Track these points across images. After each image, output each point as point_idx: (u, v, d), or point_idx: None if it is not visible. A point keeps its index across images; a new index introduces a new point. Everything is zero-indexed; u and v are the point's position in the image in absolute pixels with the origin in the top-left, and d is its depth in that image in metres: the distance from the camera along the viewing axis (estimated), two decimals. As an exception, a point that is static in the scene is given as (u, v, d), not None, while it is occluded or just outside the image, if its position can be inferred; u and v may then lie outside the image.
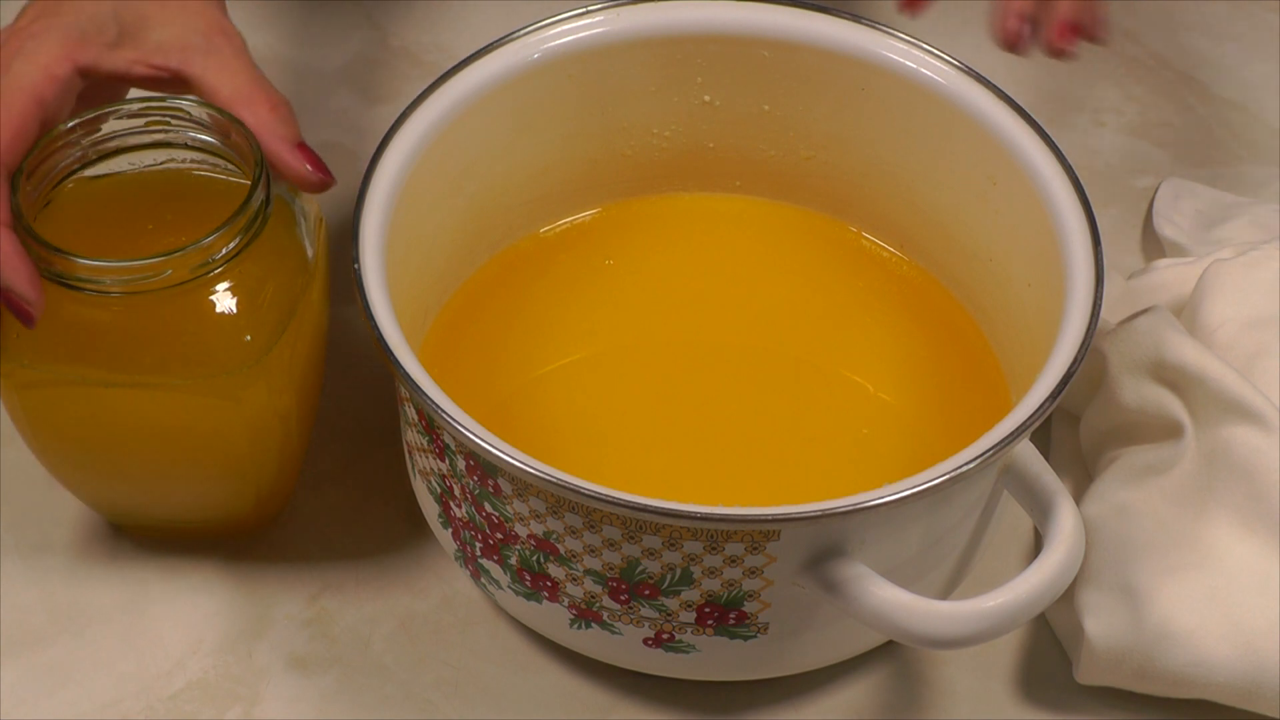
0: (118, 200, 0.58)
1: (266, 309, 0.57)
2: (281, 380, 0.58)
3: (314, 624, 0.63)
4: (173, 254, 0.54)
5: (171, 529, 0.64)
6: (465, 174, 0.64)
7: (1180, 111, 0.82)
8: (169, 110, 0.57)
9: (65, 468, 0.61)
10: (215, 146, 0.57)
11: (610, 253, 0.68)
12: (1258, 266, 0.65)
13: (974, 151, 0.63)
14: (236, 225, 0.55)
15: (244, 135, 0.57)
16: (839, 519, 0.51)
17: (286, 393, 0.59)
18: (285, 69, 0.82)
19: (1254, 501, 0.59)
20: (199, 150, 0.58)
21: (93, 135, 0.57)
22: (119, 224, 0.57)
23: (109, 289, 0.54)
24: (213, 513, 0.63)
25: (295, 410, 0.60)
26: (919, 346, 0.65)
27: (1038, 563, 0.53)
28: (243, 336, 0.56)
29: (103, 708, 0.60)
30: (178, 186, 0.58)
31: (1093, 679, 0.60)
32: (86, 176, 0.57)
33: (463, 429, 0.52)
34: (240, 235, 0.55)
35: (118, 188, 0.58)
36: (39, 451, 0.60)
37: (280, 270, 0.57)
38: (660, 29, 0.65)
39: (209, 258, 0.55)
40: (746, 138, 0.68)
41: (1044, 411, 0.53)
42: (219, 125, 0.57)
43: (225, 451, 0.59)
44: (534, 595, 0.57)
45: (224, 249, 0.55)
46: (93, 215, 0.57)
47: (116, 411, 0.57)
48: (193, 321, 0.56)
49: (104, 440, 0.58)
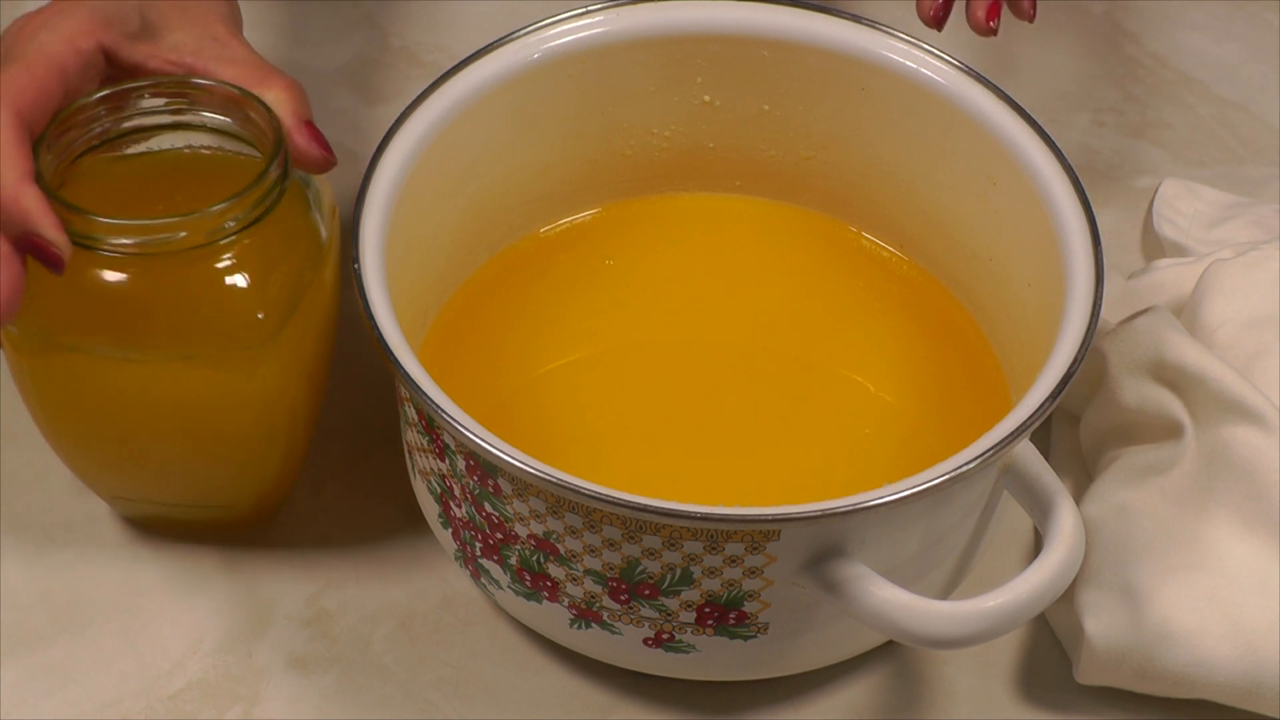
0: (133, 180, 0.58)
1: (279, 288, 0.57)
2: (292, 360, 0.58)
3: (314, 624, 0.63)
4: (188, 215, 0.54)
5: (170, 518, 0.64)
6: (465, 174, 0.64)
7: (1180, 111, 0.82)
8: (190, 88, 0.58)
9: (71, 443, 0.61)
10: (233, 128, 0.58)
11: (610, 253, 0.68)
12: (1258, 266, 0.65)
13: (974, 151, 0.63)
14: (252, 195, 0.55)
15: (262, 112, 0.57)
16: (839, 519, 0.51)
17: (296, 374, 0.59)
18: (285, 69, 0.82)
19: (1254, 501, 0.59)
20: (218, 132, 0.58)
21: (116, 112, 0.57)
22: (138, 200, 0.57)
23: (125, 249, 0.54)
24: (213, 499, 0.62)
25: (302, 395, 0.60)
26: (919, 346, 0.65)
27: (1038, 563, 0.53)
28: (255, 313, 0.56)
29: (103, 708, 0.60)
30: (194, 169, 0.59)
31: (1093, 679, 0.60)
32: (104, 157, 0.58)
33: (463, 429, 0.52)
34: (255, 206, 0.56)
35: (134, 169, 0.58)
36: (45, 425, 0.60)
37: (294, 251, 0.58)
38: (660, 29, 0.65)
39: (223, 223, 0.55)
40: (746, 138, 0.68)
41: (1044, 411, 0.53)
42: (238, 103, 0.57)
43: (231, 432, 0.59)
44: (534, 595, 0.57)
45: (238, 216, 0.55)
46: (109, 194, 0.57)
47: (127, 383, 0.57)
48: (206, 293, 0.56)
49: (113, 414, 0.58)
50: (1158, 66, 0.84)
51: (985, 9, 0.62)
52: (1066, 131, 0.81)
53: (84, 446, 0.61)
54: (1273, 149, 0.80)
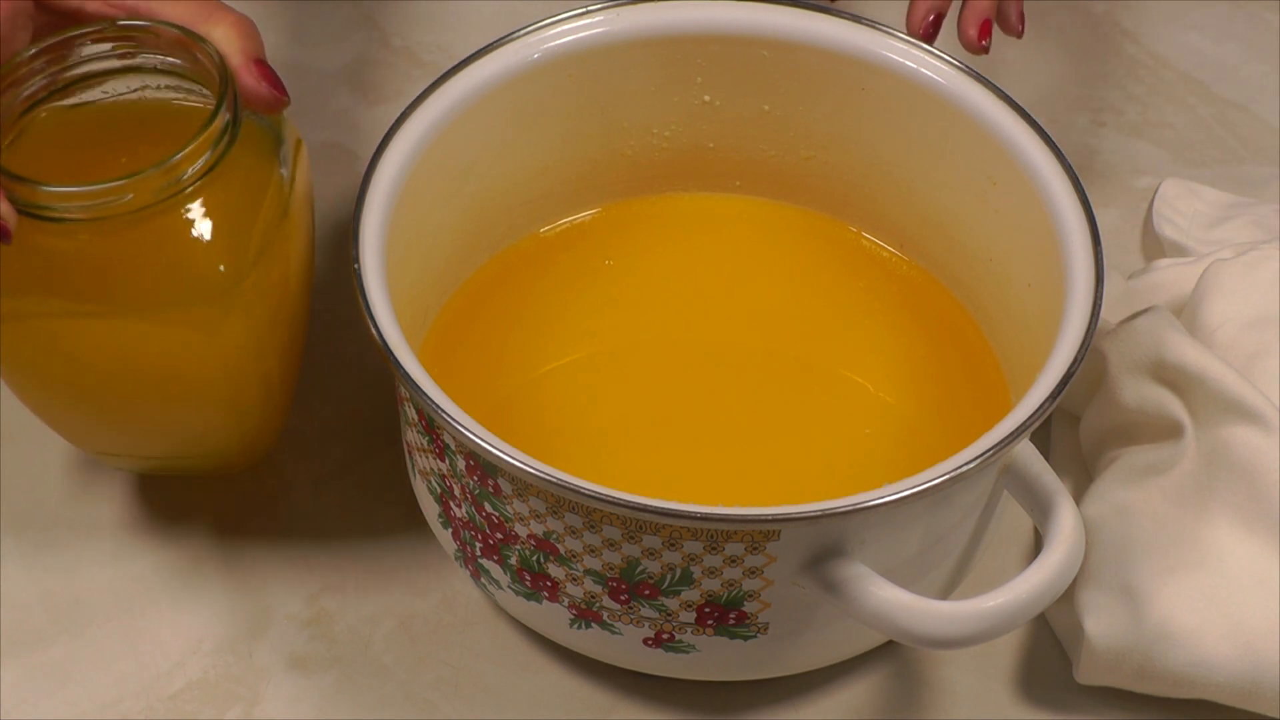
0: (92, 130, 0.56)
1: (240, 237, 0.55)
2: (258, 311, 0.56)
3: (314, 624, 0.63)
4: (133, 176, 0.53)
5: (158, 466, 0.63)
6: (465, 174, 0.64)
7: (1180, 111, 0.82)
8: (134, 31, 0.56)
9: (48, 406, 0.59)
10: (183, 69, 0.56)
11: (610, 253, 0.68)
12: (1258, 266, 0.65)
13: (974, 151, 0.63)
14: (201, 144, 0.53)
15: (208, 53, 0.55)
16: (839, 519, 0.51)
17: (264, 323, 0.57)
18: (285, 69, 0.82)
19: (1254, 501, 0.59)
20: (169, 74, 0.56)
21: (58, 63, 0.56)
22: (93, 154, 0.56)
23: (73, 215, 0.53)
24: (197, 448, 0.61)
25: (275, 342, 0.58)
26: (919, 346, 0.65)
27: (1038, 563, 0.53)
28: (216, 265, 0.54)
29: (103, 708, 0.60)
30: (153, 115, 0.57)
31: (1093, 679, 0.60)
32: (60, 106, 0.56)
33: (463, 429, 0.52)
34: (205, 156, 0.54)
35: (92, 117, 0.57)
36: (16, 389, 0.59)
37: (254, 197, 0.56)
38: (660, 29, 0.65)
39: (173, 178, 0.53)
40: (746, 138, 0.68)
41: (1044, 411, 0.53)
42: (183, 44, 0.55)
43: (202, 385, 0.57)
44: (534, 595, 0.57)
45: (189, 169, 0.53)
46: (66, 145, 0.56)
47: (91, 345, 0.55)
48: (162, 250, 0.54)
49: (81, 376, 0.57)
50: (1158, 66, 0.84)
51: (977, 28, 0.63)
52: (1066, 131, 0.81)
53: (60, 409, 0.59)
54: (1273, 149, 0.80)
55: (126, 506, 0.65)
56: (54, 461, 0.64)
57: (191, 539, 0.64)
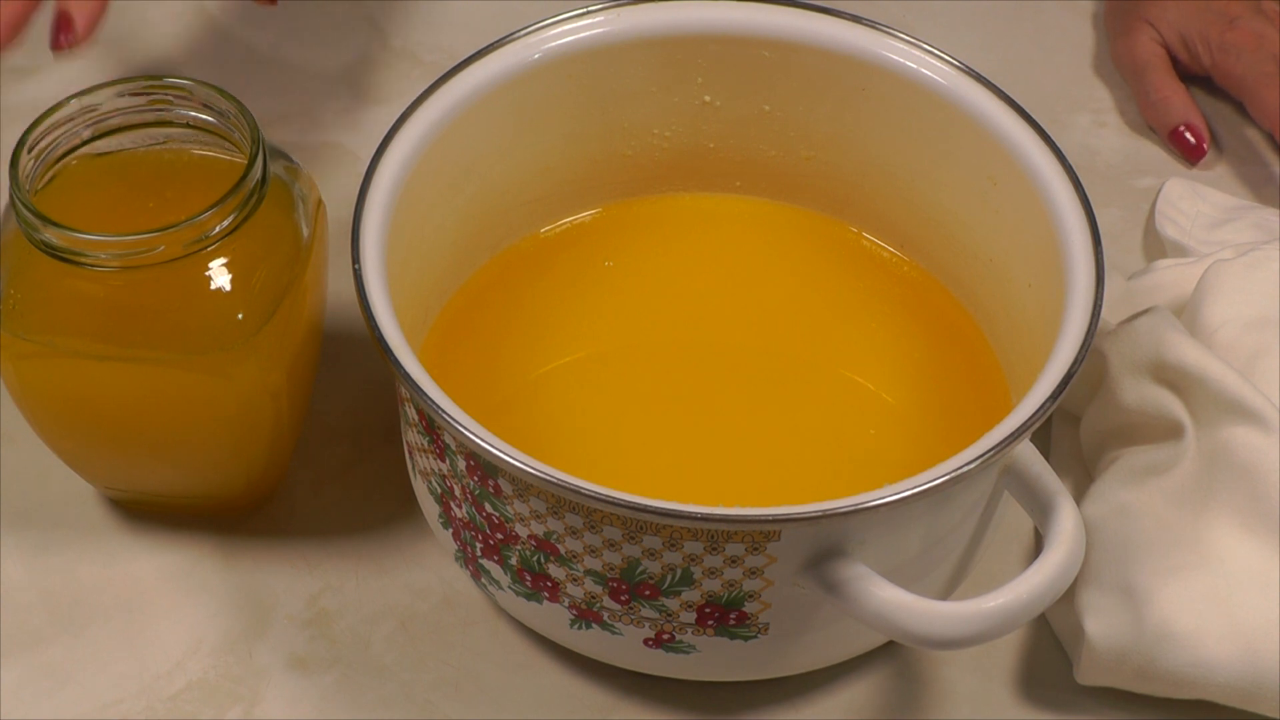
0: (121, 177, 0.59)
1: (259, 288, 0.57)
2: (273, 359, 0.58)
3: (314, 624, 0.63)
4: (167, 230, 0.55)
5: (166, 504, 0.64)
6: (465, 174, 0.64)
7: (1180, 111, 0.82)
8: (170, 89, 0.58)
9: (61, 440, 0.61)
10: (213, 125, 0.59)
11: (610, 253, 0.68)
12: (1258, 267, 0.65)
13: (974, 151, 0.63)
14: (231, 203, 0.56)
15: (242, 115, 0.58)
16: (839, 519, 0.51)
17: (278, 371, 0.59)
18: (285, 69, 0.83)
19: (1254, 502, 0.59)
20: (198, 129, 0.59)
21: (94, 113, 0.58)
22: (122, 201, 0.58)
23: (105, 263, 0.55)
24: (205, 488, 0.63)
25: (286, 388, 0.60)
26: (919, 346, 0.65)
27: (1038, 563, 0.53)
28: (235, 314, 0.57)
29: (103, 708, 0.60)
30: (180, 165, 0.59)
31: (1093, 679, 0.60)
32: (90, 154, 0.58)
33: (463, 429, 0.52)
34: (235, 213, 0.56)
35: (121, 165, 0.59)
36: (35, 424, 0.61)
37: (275, 251, 0.58)
38: (660, 29, 0.65)
39: (203, 234, 0.56)
40: (747, 138, 0.68)
41: (1044, 412, 0.53)
42: (218, 105, 0.58)
43: (217, 427, 0.59)
44: (534, 595, 0.57)
45: (217, 226, 0.56)
46: (97, 192, 0.58)
47: (111, 385, 0.58)
48: (186, 298, 0.57)
49: (98, 413, 0.59)
50: (1158, 66, 0.84)
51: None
52: (1066, 131, 0.81)
53: (71, 442, 0.61)
54: (1273, 149, 0.80)
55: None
56: (55, 462, 0.64)
57: (191, 539, 0.64)
